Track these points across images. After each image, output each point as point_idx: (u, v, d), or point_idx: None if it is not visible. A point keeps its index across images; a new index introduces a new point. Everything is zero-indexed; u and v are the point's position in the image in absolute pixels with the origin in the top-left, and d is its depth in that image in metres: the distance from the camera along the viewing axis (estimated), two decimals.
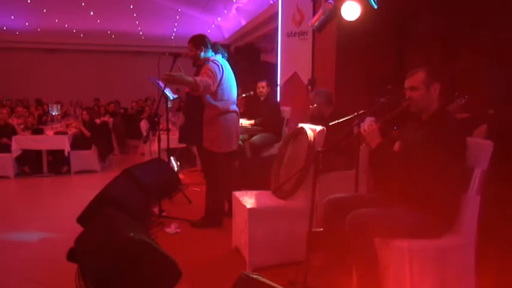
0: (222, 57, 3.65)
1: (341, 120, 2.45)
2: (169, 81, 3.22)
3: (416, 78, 2.21)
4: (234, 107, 3.65)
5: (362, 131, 2.26)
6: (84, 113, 7.34)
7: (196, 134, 3.62)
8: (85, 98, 11.93)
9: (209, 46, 3.61)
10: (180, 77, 3.19)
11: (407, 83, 2.24)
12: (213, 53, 3.62)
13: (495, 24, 3.27)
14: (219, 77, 3.42)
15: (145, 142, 7.85)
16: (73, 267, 2.57)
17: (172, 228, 3.74)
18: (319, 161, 2.18)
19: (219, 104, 3.51)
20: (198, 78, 3.28)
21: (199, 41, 3.59)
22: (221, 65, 3.48)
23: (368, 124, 2.26)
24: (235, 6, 10.05)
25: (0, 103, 10.16)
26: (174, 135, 6.51)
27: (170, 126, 5.60)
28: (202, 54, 3.58)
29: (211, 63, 3.46)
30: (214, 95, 3.48)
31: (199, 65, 3.59)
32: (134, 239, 2.38)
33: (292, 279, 2.43)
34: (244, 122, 5.03)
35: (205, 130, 3.57)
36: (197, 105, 3.57)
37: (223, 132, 3.55)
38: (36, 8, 10.95)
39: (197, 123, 3.60)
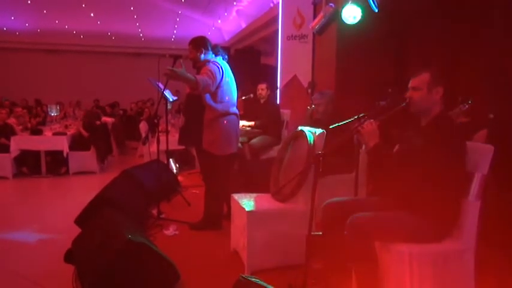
0: (223, 59, 3.64)
1: (341, 123, 2.44)
2: (171, 76, 3.23)
3: (420, 78, 2.20)
4: (234, 109, 3.64)
5: (360, 128, 2.24)
6: (83, 115, 7.34)
7: (196, 135, 3.61)
8: (85, 99, 11.91)
9: (209, 48, 3.60)
10: (181, 73, 3.20)
11: (411, 83, 2.23)
12: (214, 55, 3.62)
13: (496, 28, 3.27)
14: (218, 78, 3.42)
15: (144, 144, 7.84)
16: (70, 268, 2.56)
17: (170, 231, 3.73)
18: (319, 164, 2.17)
19: (219, 106, 3.50)
20: (198, 77, 3.29)
21: (199, 43, 3.59)
22: (221, 67, 3.48)
23: (367, 122, 2.24)
24: (235, 8, 10.06)
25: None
26: (174, 137, 6.50)
27: (169, 128, 5.58)
28: (202, 56, 3.57)
29: (211, 64, 3.46)
30: (214, 96, 3.47)
31: (199, 66, 3.58)
32: (132, 241, 2.37)
33: (291, 282, 2.41)
34: (244, 124, 5.02)
35: (205, 132, 3.57)
36: (197, 107, 3.57)
37: (223, 135, 3.54)
38: (36, 9, 10.93)
39: (197, 125, 3.60)
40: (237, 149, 3.74)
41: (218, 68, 3.45)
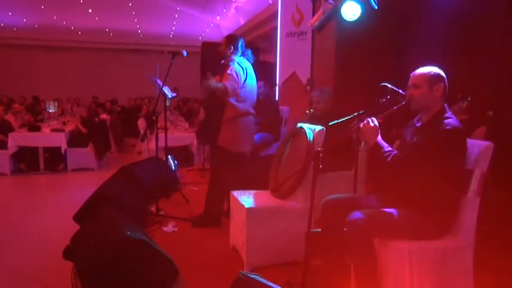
0: (248, 60, 3.73)
1: (341, 120, 2.43)
2: (206, 89, 3.44)
3: (420, 76, 2.20)
4: (252, 110, 3.72)
5: (361, 126, 2.24)
6: (84, 109, 7.32)
7: (214, 131, 3.68)
8: (83, 95, 11.88)
9: (239, 48, 3.70)
10: (214, 84, 3.41)
11: (411, 80, 2.23)
12: (241, 55, 3.69)
13: (496, 25, 3.27)
14: (242, 79, 3.53)
15: (142, 140, 7.80)
16: (69, 264, 2.55)
17: (169, 227, 3.73)
18: (318, 161, 2.16)
19: (240, 105, 3.59)
20: (227, 83, 3.43)
21: (231, 40, 3.73)
22: (244, 68, 3.58)
23: (368, 120, 2.24)
24: (234, 5, 10.04)
25: None
26: (172, 134, 6.49)
27: (168, 124, 5.57)
28: (229, 52, 3.67)
29: (236, 65, 3.55)
30: (237, 96, 3.56)
31: (225, 64, 3.67)
32: (131, 238, 2.37)
33: (290, 279, 2.42)
34: None
35: (223, 129, 3.63)
36: (219, 104, 3.62)
37: (240, 133, 3.62)
38: (34, 5, 10.88)
39: (216, 121, 3.66)
40: (250, 149, 3.76)
41: (242, 68, 3.55)
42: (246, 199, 3.01)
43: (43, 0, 10.76)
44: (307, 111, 4.13)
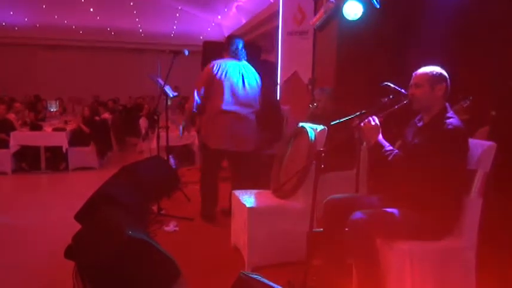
0: (240, 59, 3.79)
1: (343, 119, 2.42)
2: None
3: (422, 75, 2.19)
4: (231, 108, 3.70)
5: (362, 124, 2.23)
6: (86, 108, 7.32)
7: None
8: (84, 95, 11.88)
9: (229, 48, 3.81)
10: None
11: (413, 80, 2.23)
12: (232, 55, 3.77)
13: (497, 25, 3.25)
14: (203, 80, 3.67)
15: (144, 140, 7.82)
16: (70, 264, 2.55)
17: (170, 227, 3.73)
18: (320, 161, 2.16)
19: (207, 104, 3.71)
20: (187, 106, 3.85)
21: (225, 41, 3.90)
22: (219, 65, 3.64)
23: (369, 119, 2.23)
24: (235, 4, 10.02)
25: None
26: (173, 133, 6.48)
27: (169, 124, 5.57)
28: (223, 53, 3.84)
29: (211, 65, 3.70)
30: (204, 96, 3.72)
31: None
32: (132, 237, 2.36)
33: (291, 279, 2.41)
34: None
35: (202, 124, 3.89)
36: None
37: (205, 128, 3.80)
38: (36, 4, 10.89)
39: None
40: (226, 146, 3.76)
41: (215, 65, 3.65)
42: (248, 199, 3.00)
43: (44, 0, 10.76)
44: (310, 105, 4.12)
